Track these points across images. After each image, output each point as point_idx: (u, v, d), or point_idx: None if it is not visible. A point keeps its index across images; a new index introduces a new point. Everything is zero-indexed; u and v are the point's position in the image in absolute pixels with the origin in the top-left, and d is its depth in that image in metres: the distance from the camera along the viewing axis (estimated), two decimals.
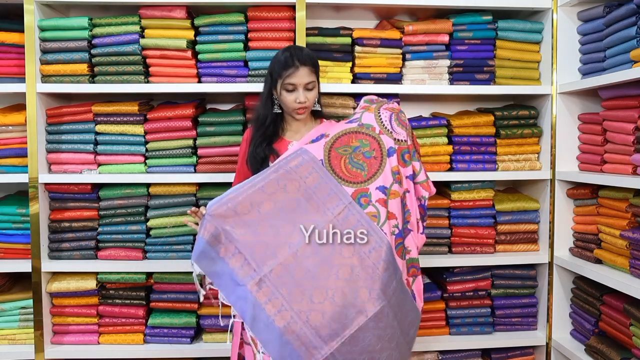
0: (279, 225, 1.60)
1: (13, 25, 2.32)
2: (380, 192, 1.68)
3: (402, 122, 1.80)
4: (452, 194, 2.46)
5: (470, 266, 2.48)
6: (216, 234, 1.57)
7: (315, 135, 1.80)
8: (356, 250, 1.59)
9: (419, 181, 1.81)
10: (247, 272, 1.56)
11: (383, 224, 1.65)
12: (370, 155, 1.72)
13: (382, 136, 1.76)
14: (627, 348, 2.08)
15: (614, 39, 2.13)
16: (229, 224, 1.58)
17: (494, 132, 2.49)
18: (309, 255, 1.58)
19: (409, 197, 1.77)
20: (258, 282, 1.55)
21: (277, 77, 1.82)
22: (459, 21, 2.42)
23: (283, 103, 1.85)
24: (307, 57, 1.82)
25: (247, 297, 1.54)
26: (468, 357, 2.53)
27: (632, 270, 2.04)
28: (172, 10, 2.31)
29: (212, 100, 2.67)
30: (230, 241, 1.58)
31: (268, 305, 1.53)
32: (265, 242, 1.58)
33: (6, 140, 2.35)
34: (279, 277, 1.55)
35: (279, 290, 1.54)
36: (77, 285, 2.33)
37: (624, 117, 2.10)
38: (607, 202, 2.22)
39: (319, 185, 1.66)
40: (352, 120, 1.83)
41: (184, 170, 2.38)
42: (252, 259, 1.56)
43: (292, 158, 1.70)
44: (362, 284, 1.57)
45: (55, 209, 2.37)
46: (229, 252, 1.58)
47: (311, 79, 1.83)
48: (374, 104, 1.86)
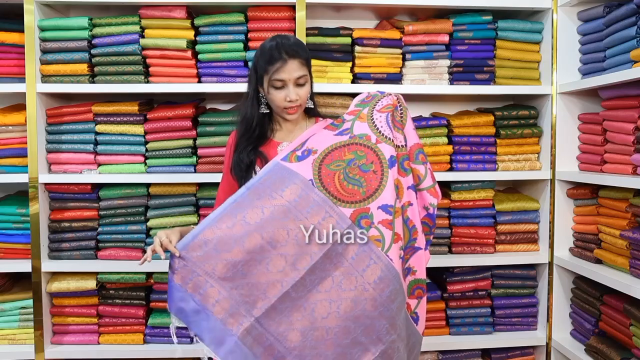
0: (268, 262, 1.40)
1: (13, 25, 2.32)
2: (384, 212, 1.45)
3: (397, 123, 1.56)
4: (452, 194, 2.46)
5: (470, 266, 2.47)
6: (194, 280, 1.38)
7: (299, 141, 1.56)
8: (359, 281, 1.41)
9: (425, 187, 1.57)
10: (236, 320, 1.39)
11: (388, 249, 1.44)
12: (368, 169, 1.48)
13: (380, 145, 1.51)
14: (627, 348, 2.08)
15: (614, 39, 2.13)
16: (209, 265, 1.39)
17: (494, 132, 2.49)
18: (305, 293, 1.41)
19: (412, 210, 1.53)
20: (248, 329, 1.39)
21: (263, 72, 1.59)
22: (459, 21, 2.42)
23: (271, 102, 1.62)
24: (295, 47, 1.58)
25: (240, 349, 1.38)
26: (468, 357, 2.53)
27: (632, 270, 2.04)
28: (172, 10, 2.31)
29: (212, 100, 2.67)
30: (212, 286, 1.38)
31: (264, 355, 1.39)
32: (253, 283, 1.39)
33: (6, 140, 2.34)
34: (272, 320, 1.39)
35: (274, 335, 1.39)
36: (77, 285, 2.33)
37: (624, 117, 2.10)
38: (607, 202, 2.22)
39: (312, 210, 1.43)
40: (342, 131, 1.56)
41: (184, 170, 2.38)
42: (242, 302, 1.39)
43: (274, 180, 1.47)
44: (367, 320, 1.41)
45: (55, 209, 2.37)
46: (211, 299, 1.39)
47: (302, 72, 1.58)
48: (366, 106, 1.59)
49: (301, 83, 1.59)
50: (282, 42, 1.59)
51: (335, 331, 1.40)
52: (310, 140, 1.57)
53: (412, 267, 1.55)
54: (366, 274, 1.43)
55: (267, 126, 1.69)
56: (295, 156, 1.52)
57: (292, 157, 1.53)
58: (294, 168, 1.49)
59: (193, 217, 2.39)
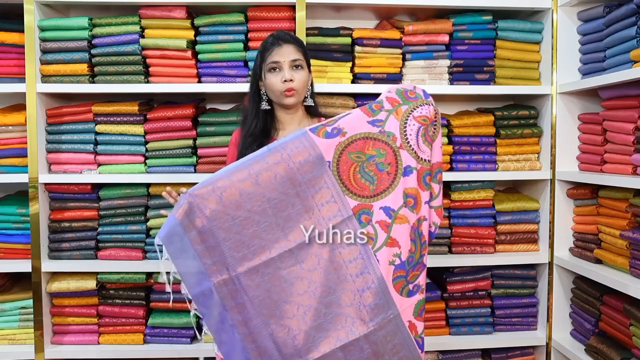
0: (265, 226, 1.44)
1: (13, 25, 2.32)
2: (384, 214, 1.49)
3: (428, 137, 1.54)
4: (452, 194, 2.46)
5: (470, 266, 2.47)
6: (192, 217, 1.40)
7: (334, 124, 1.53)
8: (342, 272, 1.45)
9: (435, 205, 1.58)
10: (218, 268, 1.42)
11: (378, 249, 1.47)
12: (384, 169, 1.51)
13: (402, 151, 1.52)
14: (627, 348, 2.08)
15: (614, 39, 2.13)
16: (210, 210, 1.41)
17: (494, 132, 2.49)
18: (289, 265, 1.44)
19: (425, 226, 1.54)
20: (226, 280, 1.42)
21: (261, 62, 1.66)
22: (459, 21, 2.42)
23: (269, 90, 1.67)
24: (291, 36, 1.67)
25: (212, 296, 1.42)
26: (468, 357, 2.53)
27: (632, 270, 2.04)
28: (172, 10, 2.31)
29: (212, 100, 2.67)
30: (206, 231, 1.41)
31: (233, 309, 1.42)
32: (245, 242, 1.43)
33: (6, 140, 2.34)
34: (251, 281, 1.42)
35: (248, 295, 1.42)
36: (77, 285, 2.33)
37: (624, 117, 2.10)
38: (607, 202, 2.22)
39: (320, 189, 1.47)
40: (376, 121, 1.54)
41: (184, 170, 2.38)
42: (228, 255, 1.41)
43: (297, 149, 1.47)
44: (339, 309, 1.44)
45: (55, 209, 2.37)
46: (202, 242, 1.42)
47: (297, 56, 1.64)
48: (406, 104, 1.56)
49: (297, 65, 1.64)
50: (278, 33, 1.69)
51: (305, 310, 1.43)
52: (344, 119, 1.55)
53: (420, 285, 1.54)
54: (351, 265, 1.46)
55: (270, 124, 1.73)
56: (324, 131, 1.52)
57: (320, 131, 1.52)
58: (319, 144, 1.49)
59: None
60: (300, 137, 1.49)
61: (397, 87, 1.61)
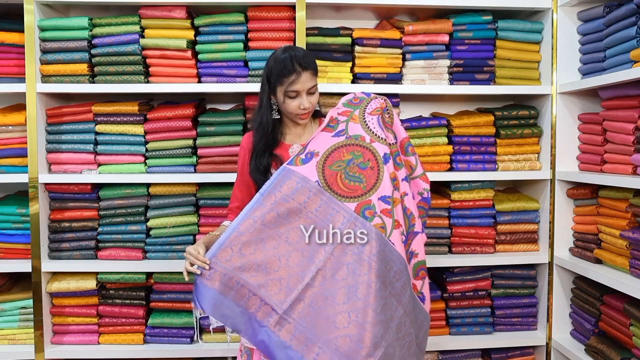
0: (288, 259, 1.55)
1: (13, 25, 2.32)
2: (384, 203, 1.61)
3: (387, 124, 1.72)
4: (452, 194, 2.46)
5: (470, 266, 2.48)
6: (224, 281, 1.52)
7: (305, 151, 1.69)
8: (371, 267, 1.54)
9: (417, 175, 1.75)
10: (266, 313, 1.52)
11: (390, 234, 1.59)
12: (366, 166, 1.64)
13: (374, 144, 1.66)
14: (627, 348, 2.08)
15: (614, 39, 2.13)
16: (236, 267, 1.53)
17: (494, 132, 2.49)
18: (324, 282, 1.54)
19: (408, 199, 1.69)
20: (279, 320, 1.52)
21: (278, 83, 1.72)
22: (459, 21, 2.42)
23: (285, 109, 1.76)
24: (307, 59, 1.72)
25: (272, 338, 1.51)
26: (468, 357, 2.53)
27: (632, 270, 2.04)
28: (172, 10, 2.31)
29: (212, 100, 2.67)
30: (243, 285, 1.52)
31: (294, 342, 1.50)
32: (278, 279, 1.54)
33: (6, 140, 2.35)
34: (299, 311, 1.52)
35: (302, 324, 1.51)
36: (77, 285, 2.33)
37: (624, 117, 2.10)
38: (607, 202, 2.22)
39: (320, 208, 1.59)
40: (338, 133, 1.70)
41: (184, 170, 2.38)
42: (269, 298, 1.52)
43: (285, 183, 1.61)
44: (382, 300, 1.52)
45: (55, 209, 2.37)
46: (243, 297, 1.52)
47: (313, 82, 1.73)
48: (357, 108, 1.74)
49: (312, 92, 1.74)
50: (295, 54, 1.70)
51: (357, 313, 1.50)
52: (311, 143, 1.71)
53: (414, 251, 1.69)
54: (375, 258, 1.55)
55: (278, 130, 1.82)
56: (300, 159, 1.67)
57: (297, 160, 1.66)
58: (301, 171, 1.63)
59: (193, 217, 2.39)
60: (282, 174, 1.63)
61: (342, 101, 1.79)
